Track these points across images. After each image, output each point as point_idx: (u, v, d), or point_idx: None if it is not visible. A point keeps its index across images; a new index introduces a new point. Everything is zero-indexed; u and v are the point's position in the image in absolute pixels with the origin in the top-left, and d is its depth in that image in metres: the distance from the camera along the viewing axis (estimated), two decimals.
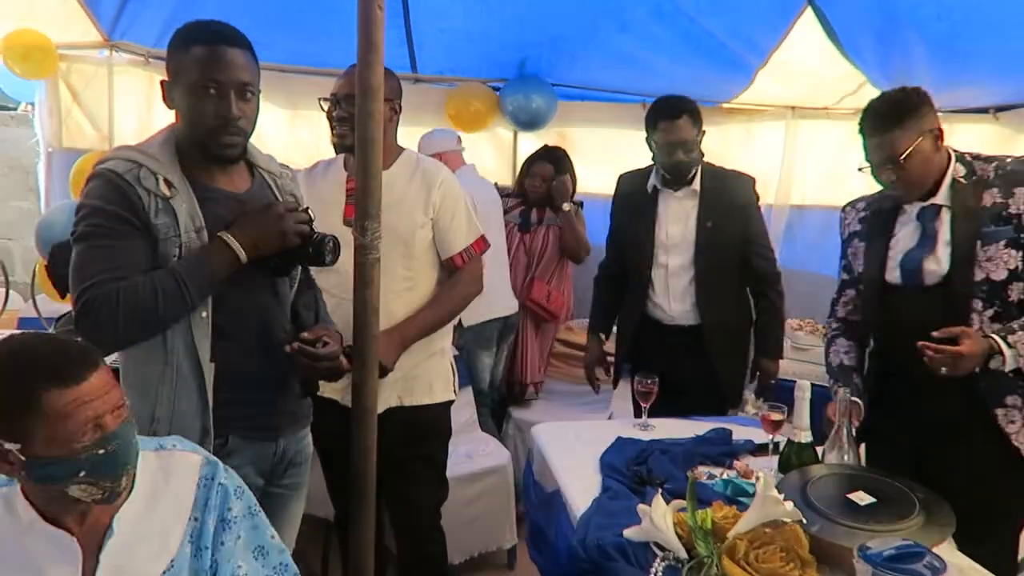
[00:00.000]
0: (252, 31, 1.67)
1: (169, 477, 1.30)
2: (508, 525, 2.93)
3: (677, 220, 2.66)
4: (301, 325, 1.81)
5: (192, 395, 1.59)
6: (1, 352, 1.16)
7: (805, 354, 3.27)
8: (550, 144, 3.90)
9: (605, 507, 1.75)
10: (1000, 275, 1.82)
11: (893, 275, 1.96)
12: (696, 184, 2.64)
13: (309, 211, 1.70)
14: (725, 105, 4.10)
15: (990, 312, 1.83)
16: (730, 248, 2.66)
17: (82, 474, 1.15)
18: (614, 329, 2.91)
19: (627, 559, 1.51)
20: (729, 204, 2.65)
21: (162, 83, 1.62)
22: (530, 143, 4.22)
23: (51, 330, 2.96)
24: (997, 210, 1.84)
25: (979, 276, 1.83)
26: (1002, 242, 1.82)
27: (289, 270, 1.76)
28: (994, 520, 1.88)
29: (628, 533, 1.56)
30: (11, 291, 3.52)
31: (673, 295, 2.68)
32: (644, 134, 2.65)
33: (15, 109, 5.01)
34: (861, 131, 1.91)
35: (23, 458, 1.13)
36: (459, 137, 3.63)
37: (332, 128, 2.15)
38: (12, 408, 1.12)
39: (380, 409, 2.11)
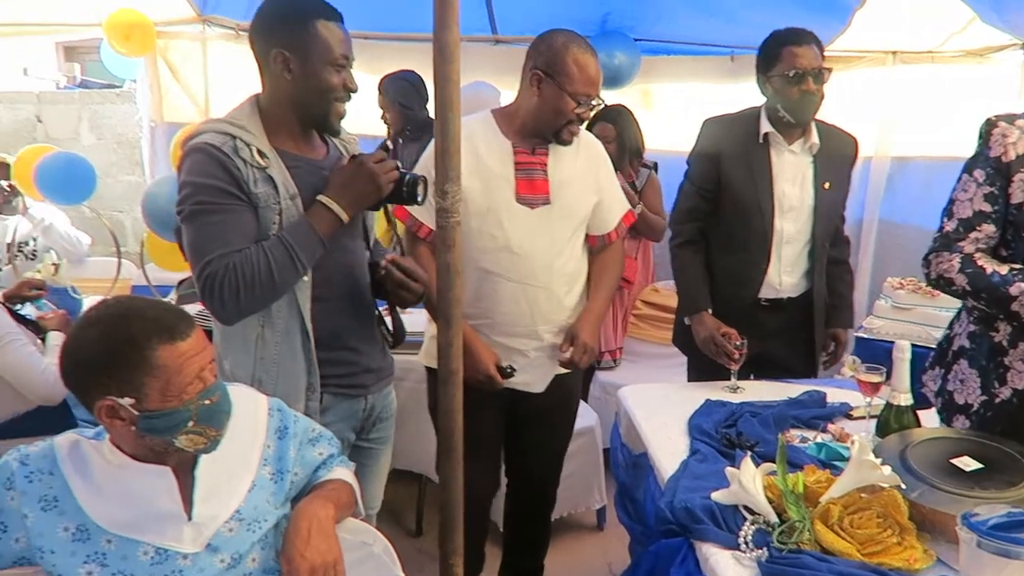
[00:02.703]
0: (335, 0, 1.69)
1: (242, 406, 1.38)
2: (597, 486, 2.94)
3: (793, 180, 2.35)
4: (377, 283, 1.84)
5: (297, 354, 1.66)
6: (110, 315, 1.24)
7: (906, 314, 3.12)
8: (632, 101, 3.81)
9: (693, 469, 1.73)
10: None
11: None
12: (815, 137, 2.35)
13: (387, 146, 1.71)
14: None
15: None
16: (837, 212, 2.47)
17: (191, 423, 1.24)
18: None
19: (715, 522, 1.49)
20: (841, 164, 2.43)
21: (277, 55, 1.60)
22: (611, 100, 4.13)
23: (172, 294, 3.15)
24: None
25: None
26: None
27: (379, 207, 1.77)
28: None
29: (716, 496, 1.54)
30: (123, 260, 3.74)
31: (785, 266, 2.38)
32: (731, 87, 2.53)
33: (120, 87, 5.26)
34: None
35: (136, 413, 1.21)
36: (499, 92, 3.60)
37: (567, 124, 1.98)
38: (127, 366, 1.20)
39: (547, 380, 2.14)
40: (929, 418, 1.93)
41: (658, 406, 2.12)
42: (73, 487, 1.27)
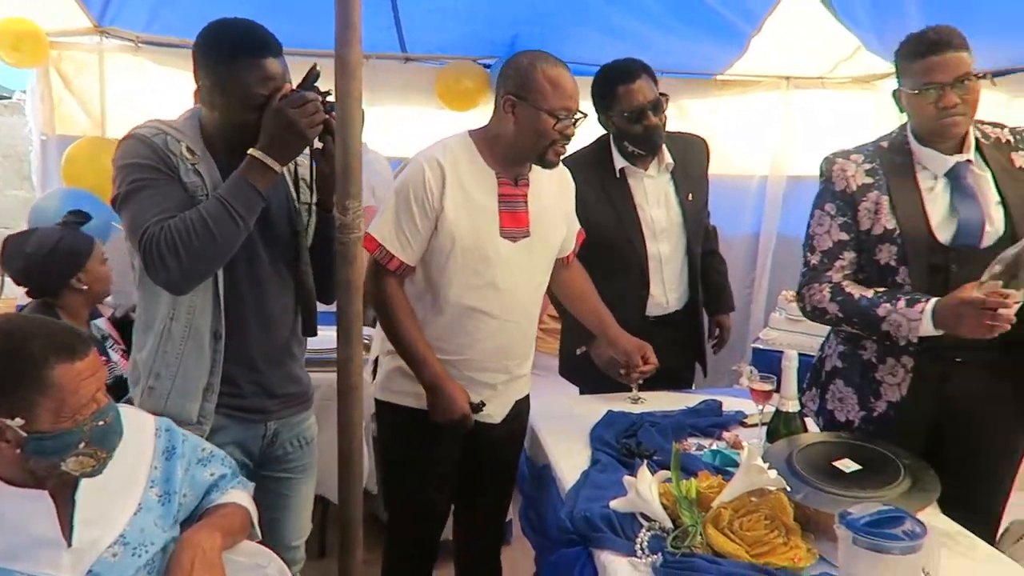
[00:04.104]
0: (243, 16, 1.65)
1: (128, 426, 1.34)
2: None
3: (658, 203, 2.41)
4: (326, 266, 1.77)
5: (203, 352, 1.63)
6: (2, 332, 1.19)
7: (799, 325, 3.26)
8: None
9: (594, 480, 1.76)
10: None
11: (945, 233, 1.80)
12: (667, 156, 2.40)
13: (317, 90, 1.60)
14: (719, 78, 4.07)
15: None
16: (703, 216, 2.55)
17: (82, 445, 1.20)
18: None
19: (613, 530, 1.52)
20: (697, 169, 2.50)
21: (202, 86, 1.61)
22: None
23: None
24: None
25: None
26: None
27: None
28: (993, 490, 1.89)
29: (614, 504, 1.57)
30: (6, 278, 3.53)
31: (669, 285, 2.45)
32: None
33: (9, 98, 5.02)
34: (913, 55, 1.78)
35: (24, 434, 1.16)
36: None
37: (551, 144, 1.87)
38: (21, 384, 1.16)
39: (508, 409, 2.08)
40: (816, 424, 2.03)
41: (560, 418, 2.15)
42: None
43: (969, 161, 1.82)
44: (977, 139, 1.84)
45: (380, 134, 3.80)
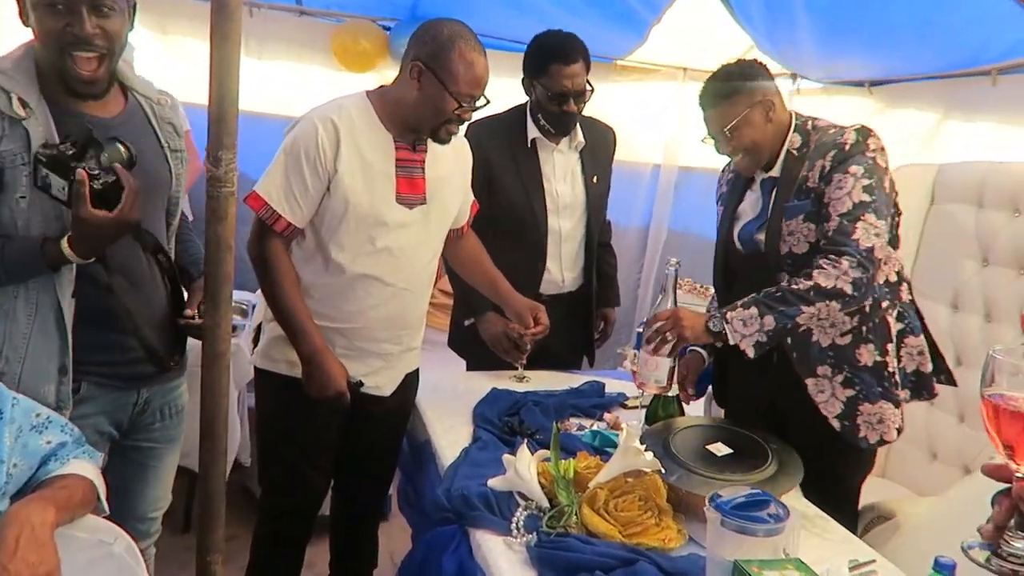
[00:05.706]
0: None
1: None
2: None
3: (564, 178, 2.45)
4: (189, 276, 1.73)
5: (50, 331, 1.49)
6: None
7: None
8: None
9: (473, 457, 1.74)
10: (801, 248, 1.80)
11: (737, 243, 1.97)
12: (580, 136, 2.44)
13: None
14: (619, 63, 4.10)
15: None
16: (605, 202, 2.59)
17: None
18: None
19: (490, 508, 1.50)
20: (604, 156, 2.55)
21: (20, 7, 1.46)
22: None
23: None
24: (800, 183, 1.80)
25: (784, 250, 1.82)
26: (800, 216, 1.79)
27: None
28: (831, 479, 1.89)
29: (492, 483, 1.56)
30: None
31: (566, 263, 2.49)
32: None
33: None
34: (700, 105, 1.88)
35: None
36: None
37: (446, 123, 1.82)
38: None
39: (398, 382, 2.03)
40: (694, 408, 2.09)
41: (444, 394, 2.13)
42: None
43: (773, 178, 1.87)
44: (788, 151, 1.85)
45: (271, 91, 3.61)
